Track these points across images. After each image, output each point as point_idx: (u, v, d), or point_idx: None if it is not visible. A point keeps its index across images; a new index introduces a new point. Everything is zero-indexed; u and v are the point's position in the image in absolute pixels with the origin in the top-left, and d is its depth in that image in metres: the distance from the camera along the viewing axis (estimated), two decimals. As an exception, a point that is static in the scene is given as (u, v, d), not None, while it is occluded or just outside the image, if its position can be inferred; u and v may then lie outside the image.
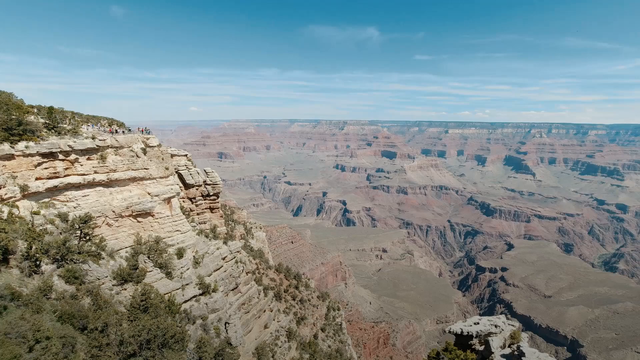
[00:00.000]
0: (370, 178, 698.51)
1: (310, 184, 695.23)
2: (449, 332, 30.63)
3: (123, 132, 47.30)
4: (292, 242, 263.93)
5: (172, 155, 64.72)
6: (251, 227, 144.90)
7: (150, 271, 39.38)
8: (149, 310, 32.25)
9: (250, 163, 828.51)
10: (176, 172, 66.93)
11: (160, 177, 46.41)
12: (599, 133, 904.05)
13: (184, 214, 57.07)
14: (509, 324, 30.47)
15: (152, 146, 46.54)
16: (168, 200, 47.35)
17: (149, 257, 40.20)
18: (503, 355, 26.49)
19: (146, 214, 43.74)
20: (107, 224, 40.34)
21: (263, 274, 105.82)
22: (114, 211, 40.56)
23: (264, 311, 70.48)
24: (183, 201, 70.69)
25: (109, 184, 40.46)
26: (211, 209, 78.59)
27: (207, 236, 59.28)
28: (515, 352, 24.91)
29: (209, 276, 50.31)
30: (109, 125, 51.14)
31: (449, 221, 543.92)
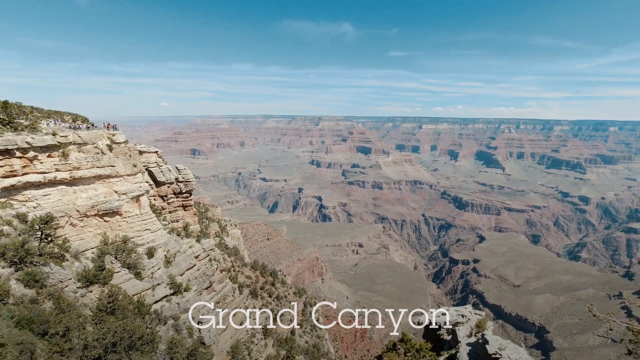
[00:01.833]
0: (345, 174, 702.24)
1: (285, 180, 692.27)
2: (418, 323, 31.16)
3: (87, 128, 45.27)
4: (268, 239, 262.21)
5: (142, 152, 62.71)
6: (226, 225, 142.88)
7: (117, 272, 37.99)
8: (116, 312, 31.15)
9: (224, 160, 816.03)
10: (146, 169, 64.92)
11: (128, 175, 44.80)
12: (564, 128, 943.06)
13: (155, 212, 55.44)
14: (475, 314, 31.28)
15: (119, 142, 44.83)
16: (137, 198, 45.82)
17: (116, 258, 38.77)
18: (469, 344, 27.21)
19: (113, 213, 42.14)
20: (71, 224, 38.59)
21: (238, 271, 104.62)
22: (78, 210, 38.82)
23: (239, 309, 69.66)
24: (154, 199, 68.71)
25: (72, 182, 38.65)
26: (184, 207, 76.75)
27: (179, 234, 57.84)
28: (480, 340, 25.67)
29: (181, 275, 49.14)
30: (73, 121, 48.89)
31: (423, 215, 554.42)
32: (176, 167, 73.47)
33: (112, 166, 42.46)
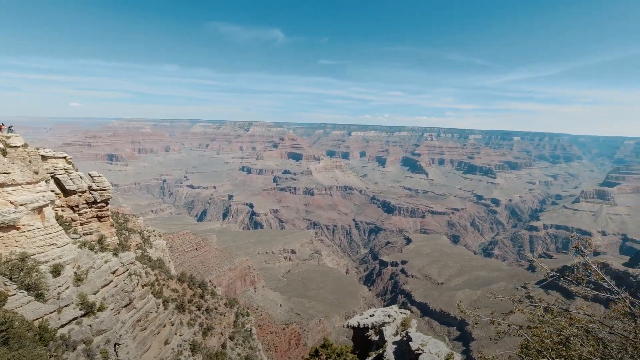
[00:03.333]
0: (277, 180, 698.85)
1: (215, 187, 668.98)
2: (347, 326, 31.60)
3: (-26, 128, 38.93)
4: (196, 249, 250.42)
5: (46, 158, 55.68)
6: (149, 236, 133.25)
7: (13, 294, 32.75)
8: (11, 342, 26.78)
9: (147, 166, 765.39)
10: (52, 177, 57.79)
11: (28, 183, 39.18)
12: (477, 137, 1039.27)
13: (63, 224, 49.38)
14: (401, 313, 32.52)
15: (15, 146, 39.11)
16: (39, 209, 40.25)
17: (11, 279, 33.48)
18: (394, 342, 28.20)
19: (8, 227, 36.48)
20: (-49, 241, 32.62)
21: (163, 285, 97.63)
22: (-39, 225, 32.96)
23: (164, 326, 64.75)
24: (62, 210, 61.35)
25: (-47, 191, 32.76)
26: (99, 218, 69.60)
27: (92, 249, 52.09)
28: (405, 338, 26.73)
29: (94, 294, 44.06)
30: (-44, 121, 41.79)
31: (354, 220, 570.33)
32: (89, 174, 66.52)
33: (7, 173, 36.81)
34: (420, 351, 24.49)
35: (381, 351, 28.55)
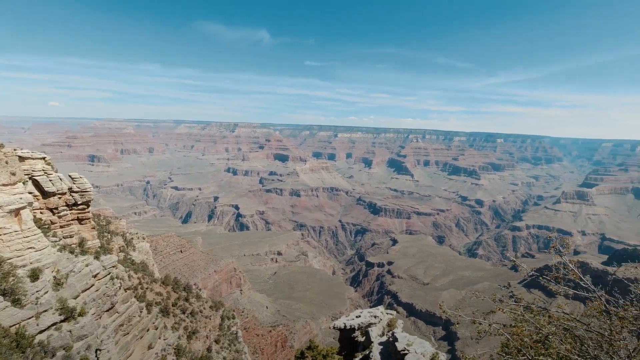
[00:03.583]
0: (263, 181, 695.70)
1: (200, 189, 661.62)
2: (334, 327, 31.68)
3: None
4: (181, 251, 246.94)
5: (24, 158, 54.13)
6: (132, 238, 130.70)
7: (-12, 300, 31.79)
8: (-15, 349, 25.93)
9: (130, 167, 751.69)
10: (30, 178, 56.25)
11: (4, 185, 38.05)
12: (461, 139, 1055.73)
13: (42, 227, 48.16)
14: (387, 314, 32.73)
15: (-9, 146, 37.96)
16: (16, 212, 39.10)
17: (-14, 284, 32.45)
18: (381, 343, 28.42)
19: (-16, 230, 35.38)
20: None
21: (147, 288, 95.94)
22: None
23: (148, 330, 63.60)
24: (41, 212, 59.74)
25: None
26: (80, 220, 67.92)
27: (72, 252, 50.85)
28: (391, 339, 26.93)
29: (75, 298, 42.98)
30: None
31: (340, 221, 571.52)
32: (69, 176, 64.95)
33: (-17, 174, 35.74)
34: (406, 351, 24.73)
35: (367, 352, 28.66)
